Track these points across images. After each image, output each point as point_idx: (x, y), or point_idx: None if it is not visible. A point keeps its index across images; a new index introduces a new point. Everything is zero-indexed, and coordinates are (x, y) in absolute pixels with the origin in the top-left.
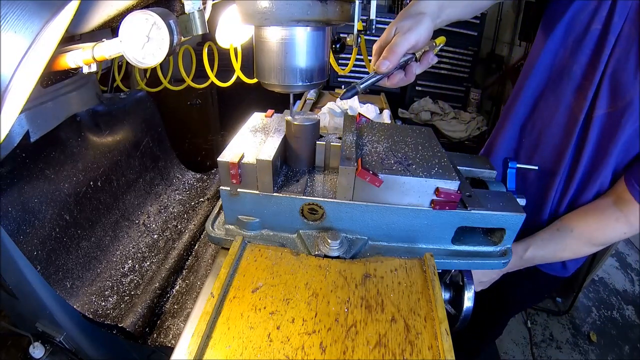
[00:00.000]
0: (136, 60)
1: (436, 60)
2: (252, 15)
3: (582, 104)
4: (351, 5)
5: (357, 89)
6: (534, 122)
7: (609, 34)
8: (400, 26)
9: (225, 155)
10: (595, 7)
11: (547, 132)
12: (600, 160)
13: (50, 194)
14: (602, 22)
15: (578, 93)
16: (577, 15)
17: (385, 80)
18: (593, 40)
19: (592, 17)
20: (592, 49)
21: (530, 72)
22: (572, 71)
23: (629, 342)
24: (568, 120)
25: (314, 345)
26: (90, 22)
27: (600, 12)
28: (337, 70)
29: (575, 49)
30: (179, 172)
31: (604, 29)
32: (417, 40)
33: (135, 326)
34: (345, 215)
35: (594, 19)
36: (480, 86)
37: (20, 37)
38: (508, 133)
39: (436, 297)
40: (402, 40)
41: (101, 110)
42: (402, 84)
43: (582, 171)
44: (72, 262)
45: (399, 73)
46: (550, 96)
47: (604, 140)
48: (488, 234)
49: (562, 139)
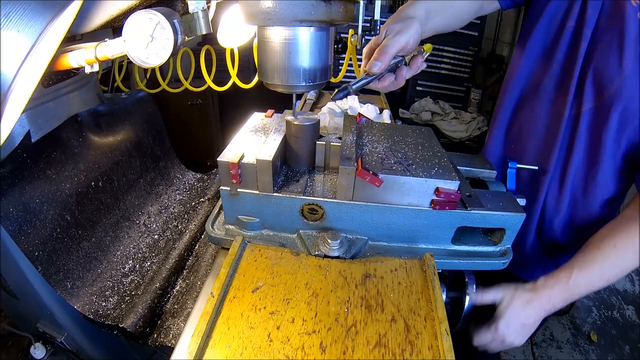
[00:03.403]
0: (140, 60)
1: (425, 66)
2: (255, 15)
3: (565, 100)
4: (355, 6)
5: (349, 90)
6: (518, 124)
7: (584, 28)
8: (391, 29)
9: (225, 155)
10: (568, 6)
11: (530, 132)
12: (595, 156)
13: (51, 194)
14: (576, 18)
15: (559, 90)
16: (553, 15)
17: (377, 83)
18: (568, 36)
19: (566, 15)
20: (568, 45)
21: (512, 78)
22: (551, 70)
23: (630, 342)
24: (551, 118)
25: (314, 345)
26: (93, 21)
27: (573, 9)
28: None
29: (552, 48)
30: (180, 172)
31: (578, 24)
32: (407, 42)
33: (135, 326)
34: (345, 215)
35: (568, 17)
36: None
37: (23, 36)
38: (495, 139)
39: (436, 297)
40: (393, 42)
41: (102, 110)
42: (392, 88)
43: (576, 169)
44: (73, 263)
45: (390, 76)
46: (531, 97)
47: (596, 134)
48: (488, 234)
49: (546, 138)
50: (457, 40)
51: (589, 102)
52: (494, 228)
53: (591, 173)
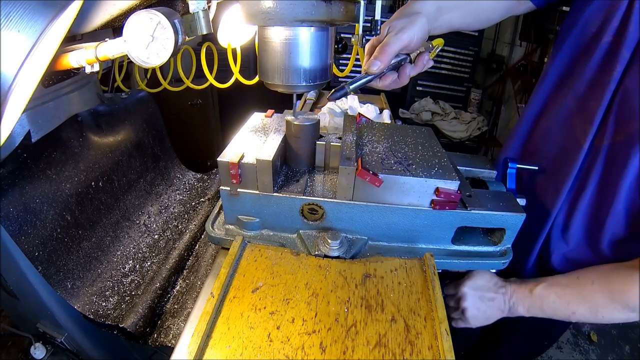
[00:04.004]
0: (140, 60)
1: (431, 64)
2: (255, 15)
3: (587, 129)
4: (355, 6)
5: (346, 90)
6: (534, 142)
7: (623, 48)
8: (394, 25)
9: (225, 155)
10: (606, 16)
11: (544, 154)
12: (609, 195)
13: (51, 194)
14: (614, 33)
15: (582, 115)
16: (586, 24)
17: (377, 81)
18: (601, 54)
19: (602, 27)
20: (599, 64)
21: (539, 86)
22: (575, 88)
23: (630, 342)
24: (569, 147)
25: (314, 345)
26: (93, 21)
27: (611, 21)
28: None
29: (580, 64)
30: (180, 172)
31: (615, 41)
32: (410, 40)
33: (136, 326)
34: (345, 215)
35: (604, 30)
36: (481, 86)
37: (24, 36)
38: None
39: (436, 297)
40: (394, 40)
41: (102, 110)
42: (394, 87)
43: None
44: (73, 263)
45: (392, 74)
46: (551, 117)
47: (614, 172)
48: (488, 234)
49: (562, 168)
50: (457, 40)
51: (610, 134)
52: (494, 228)
53: (602, 212)
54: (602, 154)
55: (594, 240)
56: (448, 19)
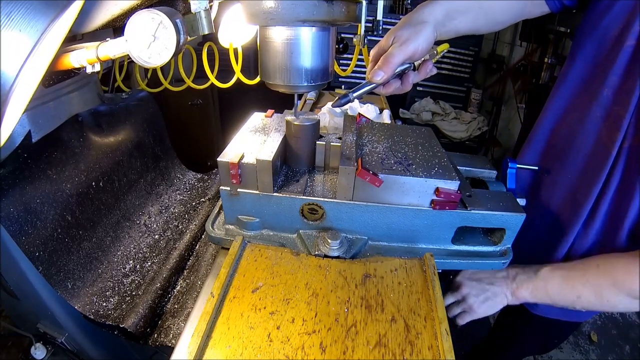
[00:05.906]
0: (142, 60)
1: (435, 72)
2: (257, 15)
3: (615, 136)
4: (357, 6)
5: (349, 98)
6: (554, 152)
7: None
8: (399, 35)
9: (225, 155)
10: (627, 19)
11: (566, 163)
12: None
13: (52, 195)
14: (636, 37)
15: (609, 122)
16: (606, 27)
17: (381, 88)
18: (626, 57)
19: (624, 30)
20: (624, 69)
21: (557, 89)
22: (600, 95)
23: (630, 342)
24: (597, 152)
25: (314, 345)
26: (95, 21)
27: (633, 24)
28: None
29: (603, 70)
30: (180, 172)
31: (639, 44)
32: (414, 51)
33: (136, 326)
34: (345, 215)
35: (627, 33)
36: (481, 86)
37: (25, 36)
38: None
39: (436, 297)
40: (398, 52)
41: (103, 110)
42: (397, 93)
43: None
44: (74, 263)
45: (395, 82)
46: (574, 123)
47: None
48: (488, 234)
49: (592, 174)
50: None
51: (630, 136)
52: (494, 228)
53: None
54: (623, 155)
55: (611, 237)
56: (457, 23)
